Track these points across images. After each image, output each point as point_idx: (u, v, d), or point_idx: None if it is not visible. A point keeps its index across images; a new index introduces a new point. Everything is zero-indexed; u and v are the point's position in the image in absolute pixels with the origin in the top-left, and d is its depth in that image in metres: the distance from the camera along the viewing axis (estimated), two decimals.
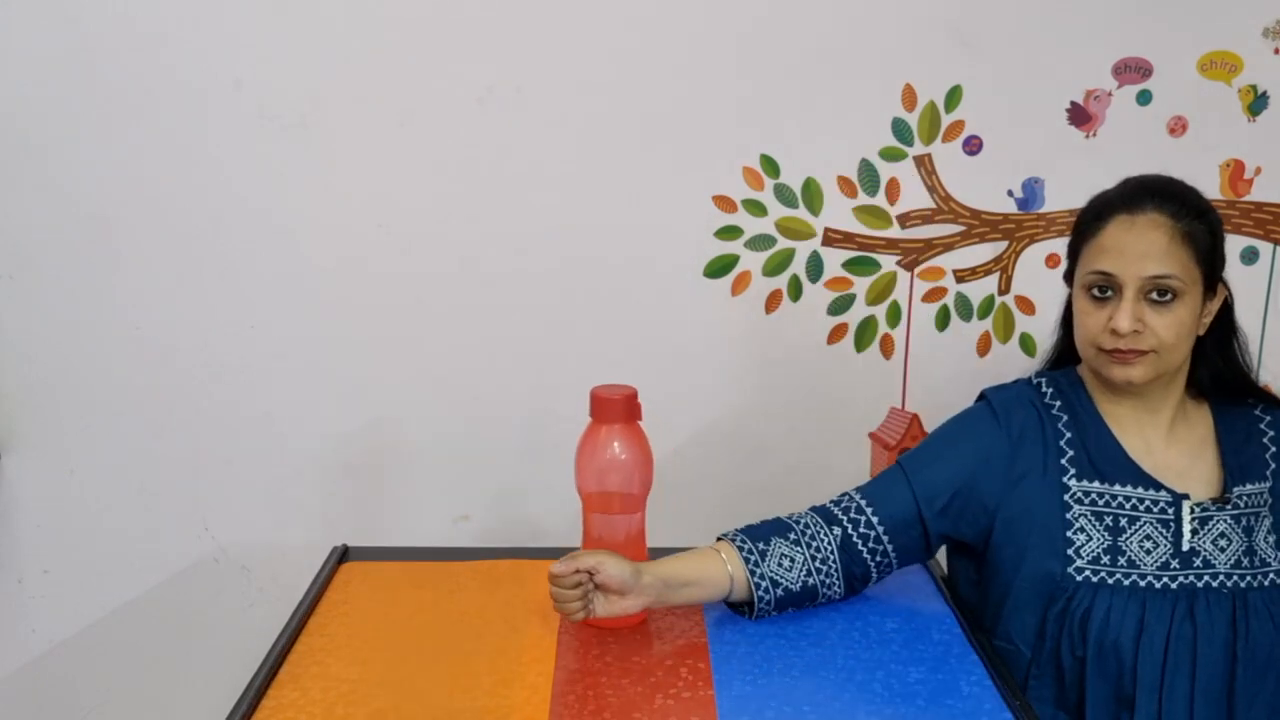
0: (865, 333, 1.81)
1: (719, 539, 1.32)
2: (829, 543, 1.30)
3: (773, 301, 1.79)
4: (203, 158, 1.71)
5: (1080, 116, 1.74)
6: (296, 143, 1.71)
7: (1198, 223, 1.23)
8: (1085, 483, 1.28)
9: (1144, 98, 1.73)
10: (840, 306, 1.80)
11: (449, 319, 1.78)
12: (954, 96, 1.73)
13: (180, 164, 1.71)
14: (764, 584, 1.28)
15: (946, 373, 1.82)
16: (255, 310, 1.77)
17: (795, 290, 1.79)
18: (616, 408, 1.26)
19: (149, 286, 1.75)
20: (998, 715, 1.11)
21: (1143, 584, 1.25)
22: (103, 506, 1.82)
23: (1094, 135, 1.74)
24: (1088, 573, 1.25)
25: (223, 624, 1.88)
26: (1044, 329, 1.79)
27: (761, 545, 1.29)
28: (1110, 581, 1.25)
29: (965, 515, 1.31)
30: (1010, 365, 1.79)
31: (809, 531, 1.30)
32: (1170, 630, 1.23)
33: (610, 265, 1.76)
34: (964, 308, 1.81)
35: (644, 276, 1.77)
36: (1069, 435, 1.31)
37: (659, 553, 1.47)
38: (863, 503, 1.32)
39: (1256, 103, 1.73)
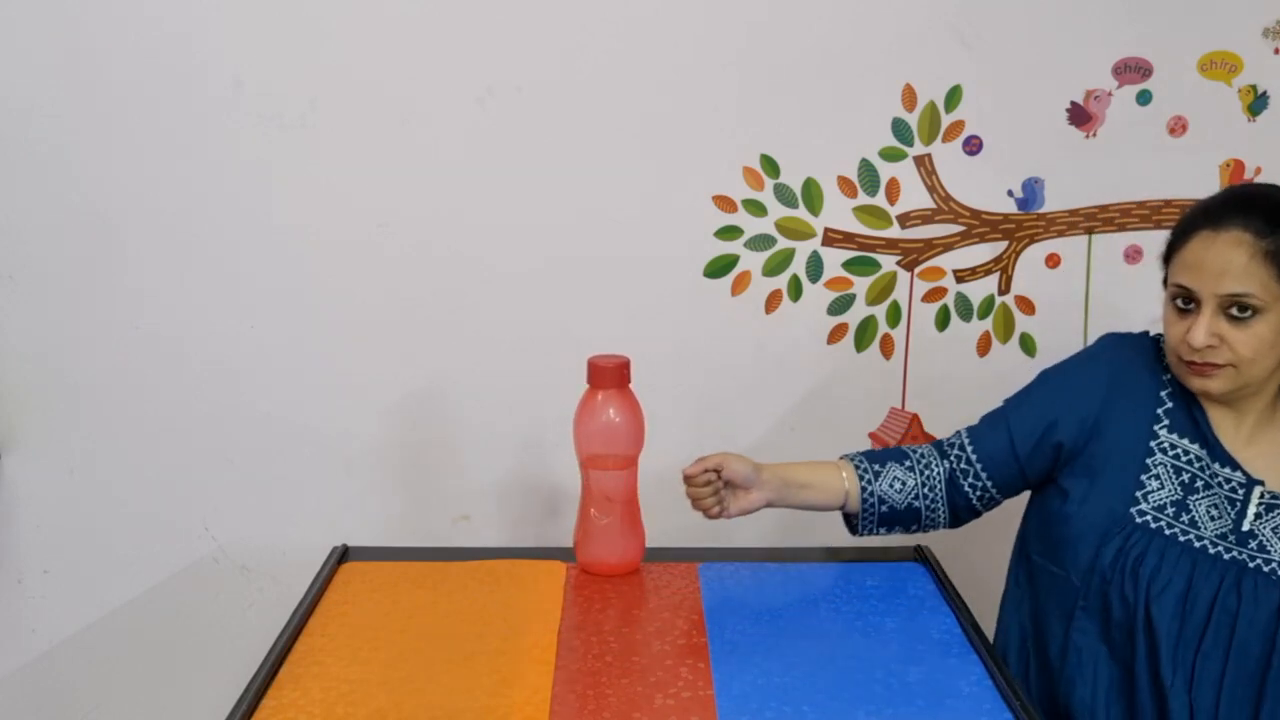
0: (865, 333, 1.81)
1: (840, 458, 1.45)
2: (939, 474, 1.42)
3: (773, 301, 1.79)
4: (202, 157, 1.71)
5: (1080, 116, 1.74)
6: (296, 143, 1.71)
7: None
8: (1174, 437, 1.32)
9: (1144, 98, 1.73)
10: (840, 306, 1.80)
11: (448, 319, 1.78)
12: (954, 96, 1.73)
13: (180, 164, 1.71)
14: (872, 500, 1.41)
15: (946, 373, 1.82)
16: (255, 310, 1.77)
17: (795, 290, 1.79)
18: (610, 373, 1.38)
19: (149, 286, 1.75)
20: (998, 715, 1.12)
21: (1197, 545, 1.28)
22: (103, 506, 1.82)
23: (1094, 135, 1.74)
24: (1149, 518, 1.30)
25: (222, 624, 1.87)
26: (1044, 329, 1.81)
27: (877, 466, 1.42)
28: (1168, 533, 1.29)
29: (1052, 454, 1.37)
30: (1010, 365, 1.80)
31: (924, 461, 1.43)
32: (1216, 598, 1.26)
33: (610, 265, 1.76)
34: (964, 308, 1.81)
35: (644, 276, 1.77)
36: (1171, 390, 1.34)
37: (659, 553, 1.49)
38: (966, 440, 1.42)
39: (1256, 103, 1.74)
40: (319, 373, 1.79)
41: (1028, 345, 1.82)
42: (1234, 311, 1.23)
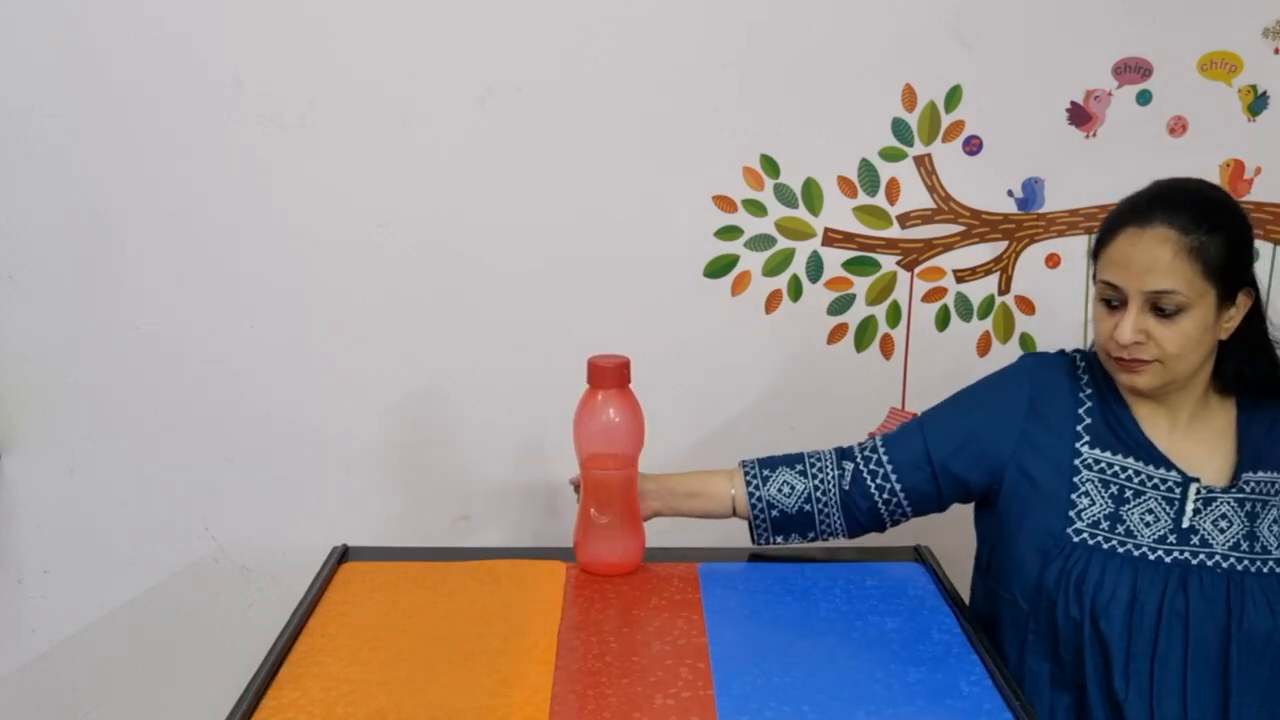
0: (865, 333, 1.81)
1: (739, 463, 1.46)
2: (833, 477, 1.41)
3: (773, 301, 1.79)
4: (202, 157, 1.71)
5: (1080, 116, 1.74)
6: (296, 143, 1.71)
7: (1210, 236, 1.23)
8: (1097, 451, 1.32)
9: (1144, 98, 1.73)
10: (840, 306, 1.80)
11: (448, 319, 1.78)
12: (954, 96, 1.73)
13: (180, 164, 1.71)
14: (761, 505, 1.41)
15: (946, 373, 1.81)
16: (255, 310, 1.77)
17: (795, 290, 1.79)
18: (610, 373, 1.38)
19: (149, 286, 1.75)
20: (998, 715, 1.12)
21: (1136, 554, 1.28)
22: (103, 506, 1.82)
23: (1094, 135, 1.74)
24: (1085, 535, 1.29)
25: (222, 624, 1.87)
26: (1044, 329, 1.81)
27: (766, 471, 1.43)
28: (1105, 547, 1.29)
29: (973, 465, 1.37)
30: None
31: (818, 465, 1.42)
32: (1163, 602, 1.26)
33: (610, 265, 1.76)
34: (964, 308, 1.81)
35: (644, 276, 1.77)
36: (1089, 405, 1.34)
37: (659, 553, 1.48)
38: (879, 443, 1.42)
39: (1256, 103, 1.73)
40: (319, 373, 1.79)
41: (1028, 345, 1.82)
42: (1160, 307, 1.23)
